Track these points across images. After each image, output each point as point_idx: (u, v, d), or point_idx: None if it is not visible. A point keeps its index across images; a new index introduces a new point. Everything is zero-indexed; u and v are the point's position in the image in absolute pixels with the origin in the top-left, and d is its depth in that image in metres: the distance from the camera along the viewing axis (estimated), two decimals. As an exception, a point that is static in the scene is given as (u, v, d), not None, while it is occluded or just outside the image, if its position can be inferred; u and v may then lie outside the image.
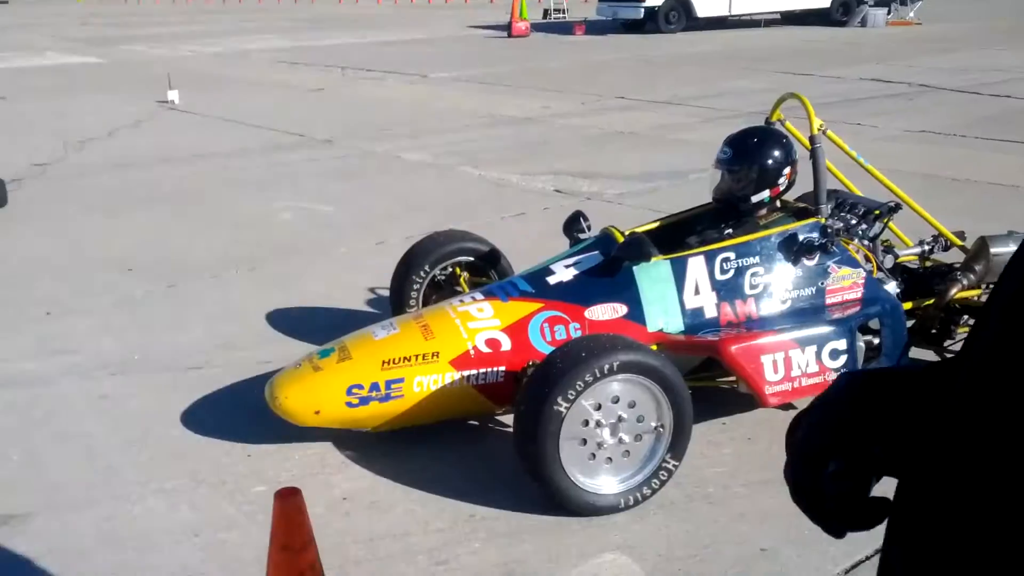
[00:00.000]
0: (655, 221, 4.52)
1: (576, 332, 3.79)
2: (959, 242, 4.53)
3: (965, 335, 4.41)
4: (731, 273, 3.96)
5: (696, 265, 3.95)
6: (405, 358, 3.71)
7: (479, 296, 4.01)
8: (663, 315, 3.89)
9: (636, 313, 3.87)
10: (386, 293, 5.25)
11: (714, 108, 12.14)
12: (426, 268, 4.59)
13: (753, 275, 3.98)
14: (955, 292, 4.20)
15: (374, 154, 9.83)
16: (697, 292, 3.94)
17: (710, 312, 3.93)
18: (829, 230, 4.06)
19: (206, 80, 15.67)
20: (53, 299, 5.65)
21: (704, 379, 3.95)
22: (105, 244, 6.80)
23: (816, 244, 3.97)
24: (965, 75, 14.69)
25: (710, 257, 3.96)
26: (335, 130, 11.09)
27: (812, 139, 4.25)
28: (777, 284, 3.99)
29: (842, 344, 3.77)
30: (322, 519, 3.23)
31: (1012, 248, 4.24)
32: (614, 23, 25.54)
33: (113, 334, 5.12)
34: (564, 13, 29.13)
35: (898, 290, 4.21)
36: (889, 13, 26.36)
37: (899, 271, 4.42)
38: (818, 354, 3.72)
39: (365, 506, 3.50)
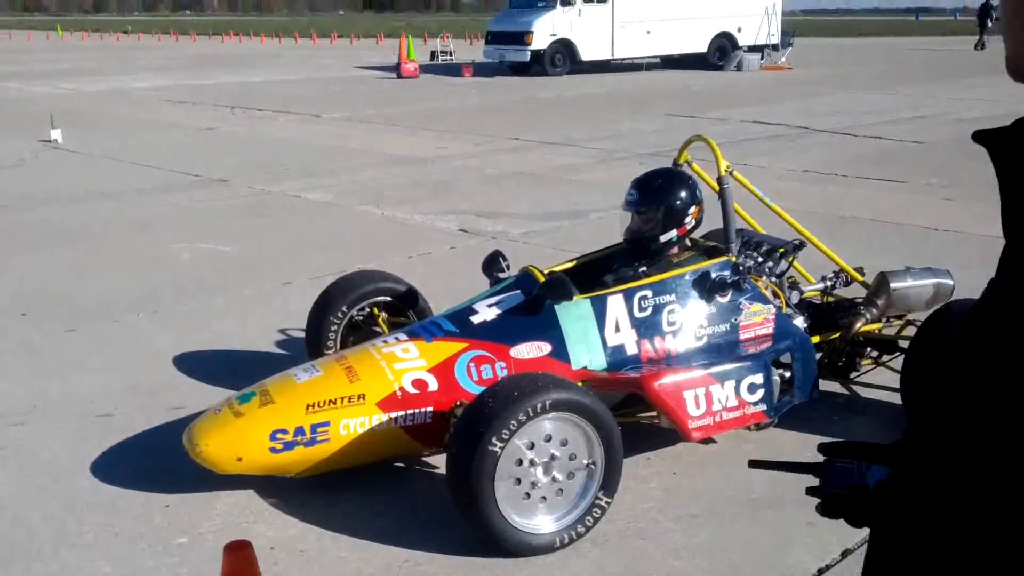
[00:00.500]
0: (571, 260, 4.59)
1: (503, 371, 3.82)
2: (860, 278, 4.74)
3: (869, 367, 4.61)
4: (649, 311, 4.05)
5: (615, 303, 4.03)
6: (330, 401, 3.67)
7: (403, 336, 3.99)
8: (587, 353, 3.95)
9: (560, 351, 3.92)
10: (297, 334, 5.18)
11: (606, 149, 12.40)
12: (344, 309, 4.54)
13: (670, 312, 4.08)
14: (860, 326, 4.39)
15: (273, 194, 9.70)
16: (618, 330, 4.01)
17: (631, 349, 4.01)
18: (740, 268, 4.20)
19: (90, 119, 15.23)
20: (-59, 347, 5.38)
21: (626, 414, 4.01)
22: (-6, 288, 6.52)
23: (728, 281, 4.10)
24: (839, 117, 15.39)
25: (628, 295, 4.05)
26: (230, 170, 10.90)
27: (720, 180, 4.40)
28: (693, 321, 4.10)
29: (759, 378, 3.89)
30: (252, 569, 3.14)
31: (911, 283, 4.46)
32: (501, 65, 25.93)
33: (11, 382, 4.89)
34: (451, 55, 29.45)
35: (805, 325, 4.37)
36: (762, 58, 27.49)
37: (805, 306, 4.59)
38: (737, 389, 3.84)
39: (294, 555, 3.42)
